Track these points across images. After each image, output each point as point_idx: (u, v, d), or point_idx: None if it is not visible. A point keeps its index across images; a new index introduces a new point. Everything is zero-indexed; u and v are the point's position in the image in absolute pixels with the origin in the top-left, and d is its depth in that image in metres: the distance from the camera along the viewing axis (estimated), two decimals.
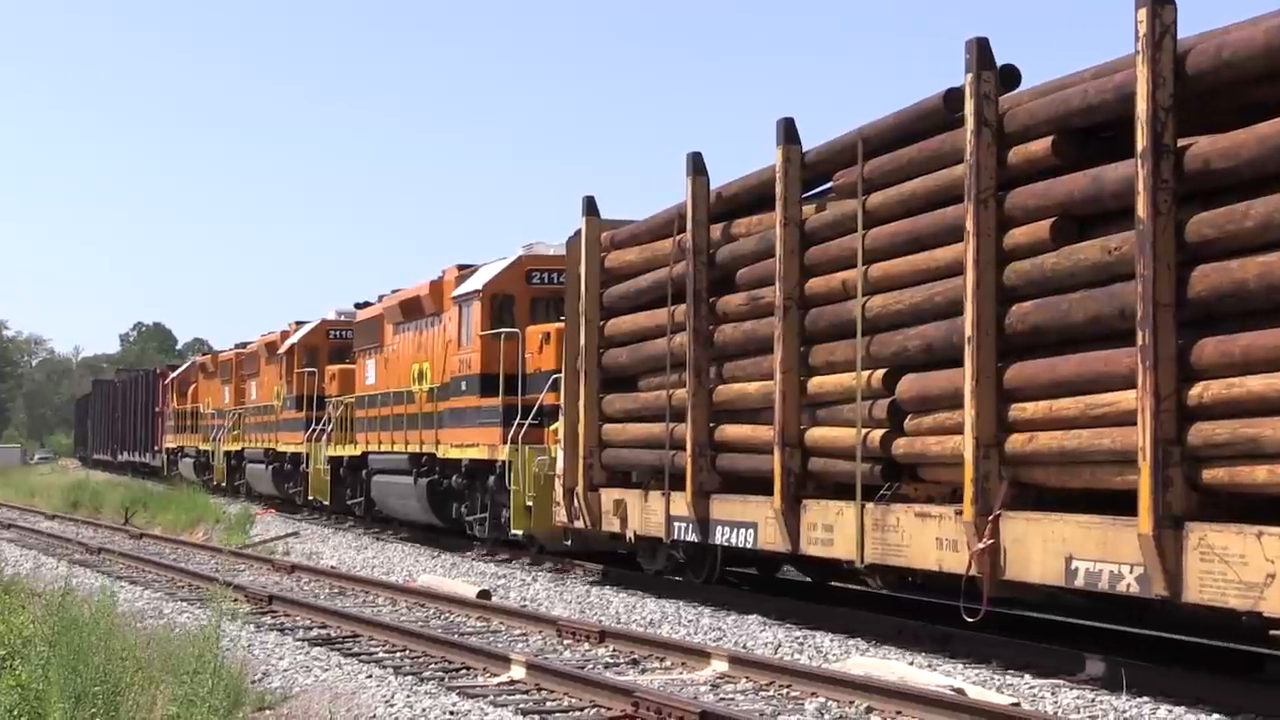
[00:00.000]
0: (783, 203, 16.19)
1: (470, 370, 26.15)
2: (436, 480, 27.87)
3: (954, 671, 12.98)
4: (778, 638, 15.51)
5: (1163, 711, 11.27)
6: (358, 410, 33.57)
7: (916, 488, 14.54)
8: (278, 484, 40.85)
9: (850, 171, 15.39)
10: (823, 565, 17.66)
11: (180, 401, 57.47)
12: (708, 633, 16.18)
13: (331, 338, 39.35)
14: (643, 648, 14.54)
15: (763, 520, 16.64)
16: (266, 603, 18.74)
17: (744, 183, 17.71)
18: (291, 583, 22.23)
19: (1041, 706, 11.57)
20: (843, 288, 15.44)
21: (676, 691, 11.89)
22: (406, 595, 19.80)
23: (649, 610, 18.11)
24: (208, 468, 51.12)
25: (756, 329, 17.02)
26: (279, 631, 16.51)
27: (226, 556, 26.37)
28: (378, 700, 11.86)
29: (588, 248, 21.05)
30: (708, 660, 13.45)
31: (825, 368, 15.80)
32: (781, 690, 12.24)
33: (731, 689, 12.49)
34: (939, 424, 13.85)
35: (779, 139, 16.28)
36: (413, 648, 14.89)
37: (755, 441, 17.01)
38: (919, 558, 13.99)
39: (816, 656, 14.41)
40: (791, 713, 11.37)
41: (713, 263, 18.06)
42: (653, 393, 19.54)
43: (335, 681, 12.91)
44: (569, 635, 15.49)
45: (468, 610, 17.97)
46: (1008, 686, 12.32)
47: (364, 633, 16.14)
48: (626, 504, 19.95)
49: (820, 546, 15.60)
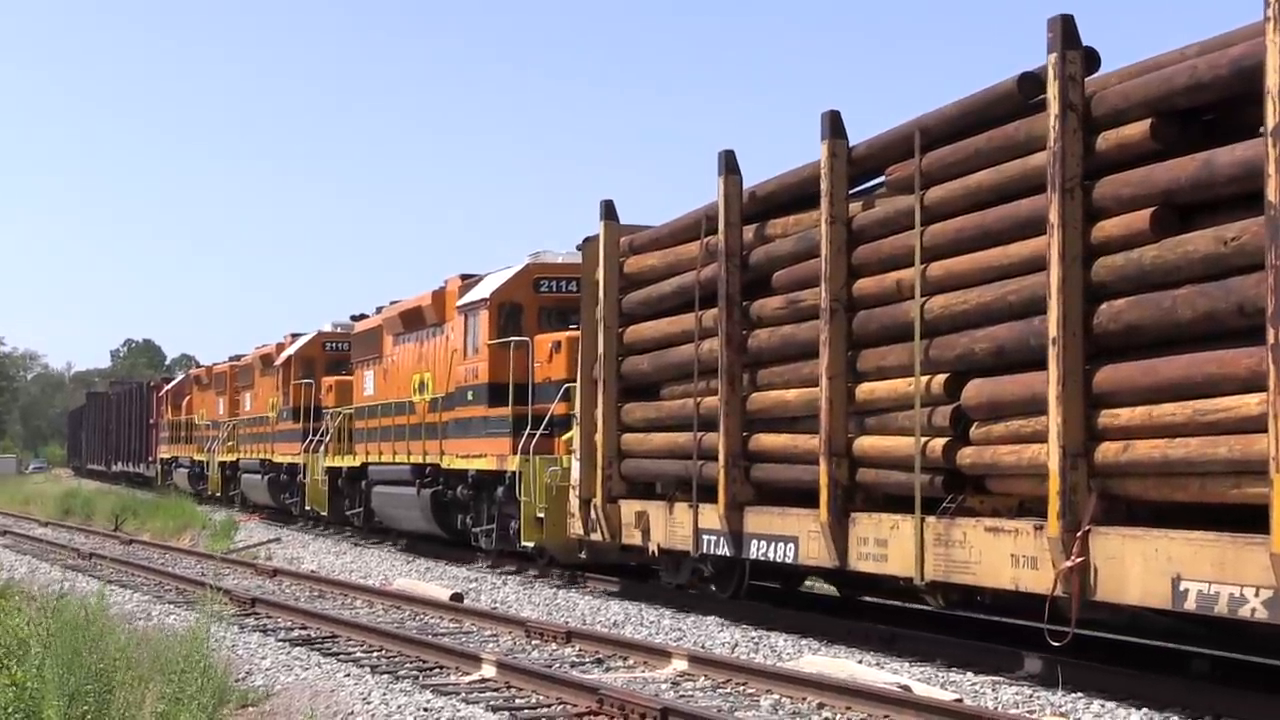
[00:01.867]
0: (829, 200, 14.59)
1: (477, 380, 24.46)
2: (441, 491, 26.15)
3: (900, 669, 12.95)
4: (735, 638, 15.44)
5: (1096, 706, 11.19)
6: (356, 421, 31.88)
7: (982, 500, 12.94)
8: (273, 494, 39.15)
9: (906, 165, 13.81)
10: (858, 580, 16.07)
11: (175, 413, 55.82)
12: (669, 633, 16.11)
13: (328, 350, 37.71)
14: (607, 647, 14.49)
15: (804, 534, 15.03)
16: (250, 605, 18.59)
17: (781, 181, 16.11)
18: (274, 586, 22.08)
19: (983, 702, 11.50)
20: (896, 288, 13.85)
21: (639, 689, 11.88)
22: (383, 598, 19.75)
23: (613, 612, 18.05)
24: (202, 478, 49.42)
25: (796, 333, 15.42)
26: (262, 632, 16.40)
27: (212, 561, 26.16)
28: (355, 698, 11.83)
29: (606, 252, 19.45)
30: (669, 659, 13.40)
31: (875, 373, 14.20)
32: (738, 688, 12.24)
33: (691, 686, 12.47)
34: (1012, 432, 12.25)
35: (824, 133, 14.70)
36: (389, 648, 14.84)
37: (795, 451, 15.40)
38: (990, 576, 12.38)
39: (771, 655, 14.36)
40: (748, 709, 11.40)
41: (746, 265, 16.46)
42: (678, 401, 17.92)
43: (315, 680, 12.86)
44: (537, 636, 15.44)
45: (441, 612, 17.89)
46: (951, 683, 12.31)
47: (342, 633, 16.06)
48: (649, 516, 18.30)
49: (872, 563, 13.99)
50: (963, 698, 11.30)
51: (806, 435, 15.18)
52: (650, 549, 18.35)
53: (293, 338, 39.72)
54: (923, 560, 13.11)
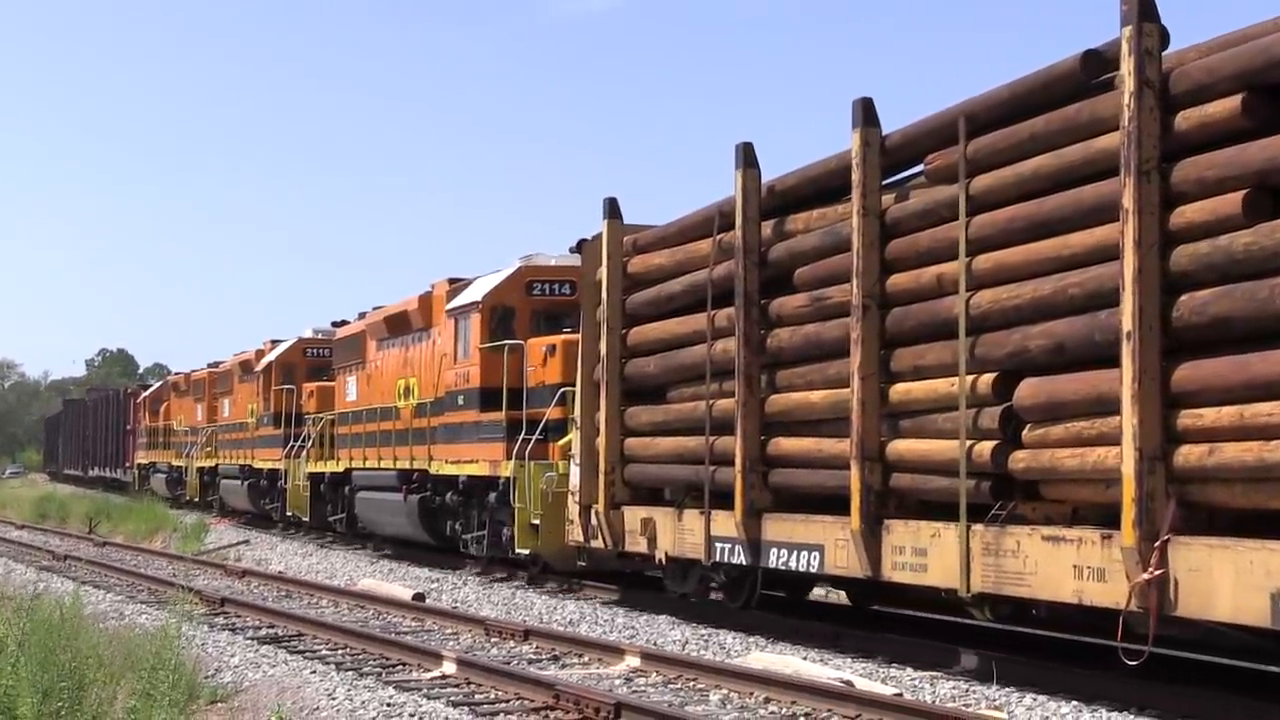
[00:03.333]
0: (861, 191, 13.31)
1: (468, 384, 23.05)
2: (429, 497, 24.72)
3: (843, 665, 12.98)
4: (685, 635, 15.48)
5: (1028, 699, 11.26)
6: (340, 427, 30.42)
7: (1034, 507, 11.64)
8: (253, 499, 37.60)
9: (947, 153, 12.53)
10: (888, 590, 14.77)
11: (152, 419, 54.14)
12: (622, 631, 16.07)
13: (309, 355, 36.21)
14: (563, 645, 14.47)
15: (831, 542, 13.73)
16: (219, 605, 18.45)
17: (804, 174, 14.82)
18: (242, 586, 21.91)
19: (921, 696, 11.56)
20: (937, 283, 12.57)
21: (594, 684, 11.94)
22: (348, 597, 19.61)
23: (569, 611, 18.03)
24: (180, 483, 47.82)
25: (822, 332, 14.12)
26: (231, 631, 16.29)
27: (183, 563, 26.08)
28: (321, 694, 11.76)
29: (610, 252, 18.12)
30: (622, 656, 13.39)
31: (912, 373, 12.91)
32: (689, 683, 12.26)
33: (644, 682, 12.46)
34: (1073, 434, 10.97)
35: (855, 121, 13.41)
36: (353, 645, 14.78)
37: (820, 455, 14.10)
38: (1048, 588, 11.08)
39: (720, 652, 14.37)
40: (698, 703, 11.41)
41: (764, 262, 15.15)
42: (688, 404, 16.59)
43: (282, 677, 12.79)
44: (496, 634, 15.41)
45: (404, 611, 17.82)
46: (891, 678, 12.37)
47: (309, 632, 15.95)
48: (656, 523, 16.97)
49: (910, 573, 12.68)
50: (902, 692, 11.43)
51: (834, 439, 13.88)
52: (657, 557, 17.02)
53: (273, 344, 38.22)
54: (969, 571, 11.82)
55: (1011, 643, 13.73)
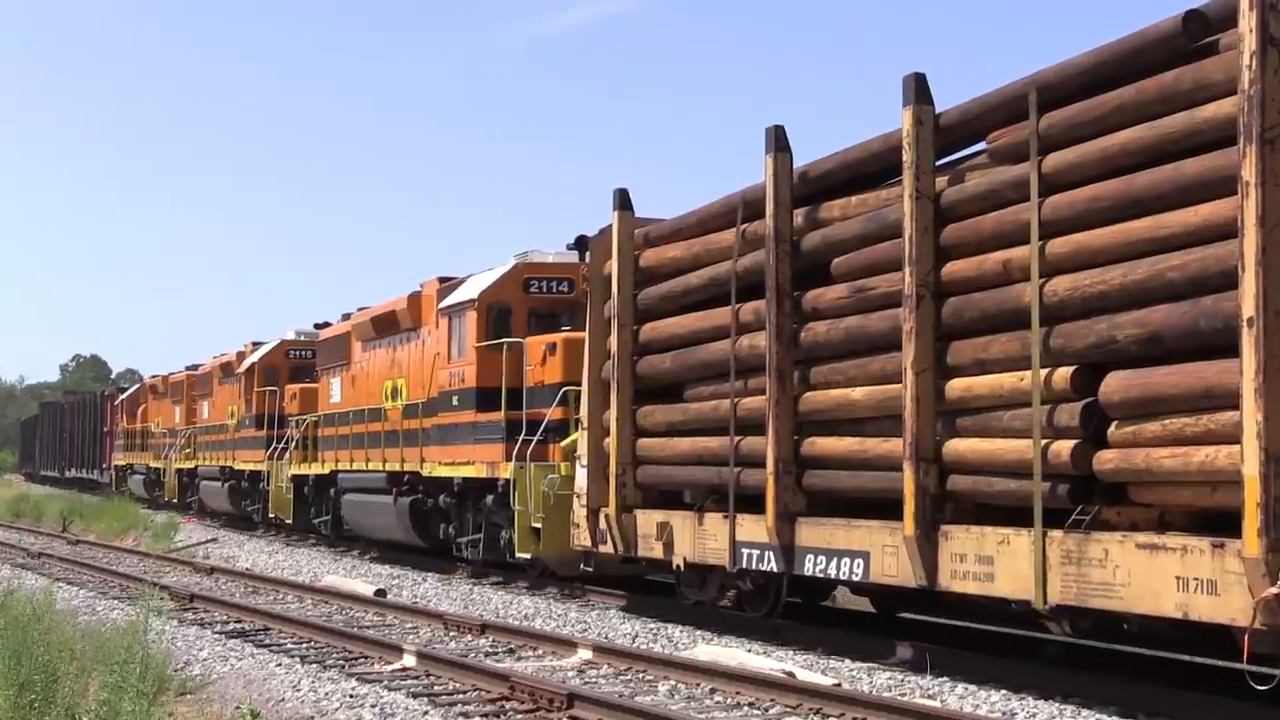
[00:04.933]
0: (913, 173, 11.83)
1: (464, 384, 21.46)
2: (420, 500, 23.11)
3: (785, 657, 12.94)
4: (635, 629, 15.44)
5: (960, 689, 11.35)
6: (325, 428, 28.74)
7: (1119, 512, 10.18)
8: (234, 501, 35.82)
9: (1015, 129, 11.08)
10: (942, 600, 13.29)
11: (130, 421, 52.16)
12: (575, 625, 16.00)
13: (291, 357, 34.40)
14: (518, 638, 14.40)
15: (878, 548, 12.25)
16: (188, 600, 18.16)
17: (842, 158, 13.33)
18: (211, 583, 21.58)
19: (859, 686, 11.58)
20: (1003, 270, 11.11)
21: (548, 676, 11.93)
22: (312, 593, 19.36)
23: (524, 606, 17.91)
24: (158, 484, 45.93)
25: (865, 325, 12.65)
26: (199, 625, 16.07)
27: (153, 560, 25.76)
28: (286, 685, 11.70)
29: (620, 245, 16.58)
30: (575, 649, 13.35)
31: (972, 367, 11.45)
32: (639, 675, 12.23)
33: (595, 674, 12.43)
34: (1173, 433, 9.52)
35: (907, 98, 11.95)
36: (317, 639, 14.66)
37: (864, 456, 12.63)
38: (1145, 601, 9.62)
39: (668, 645, 14.31)
40: (647, 693, 11.41)
41: (796, 252, 13.67)
42: (708, 402, 15.08)
43: (249, 669, 12.72)
44: (454, 628, 15.33)
45: (366, 606, 17.70)
46: (830, 669, 12.36)
47: (275, 626, 15.81)
48: (673, 527, 15.45)
49: (973, 582, 11.20)
50: (841, 682, 11.45)
51: (878, 439, 12.42)
52: (674, 563, 15.49)
53: (254, 346, 36.43)
54: (1045, 581, 10.35)
55: (944, 637, 13.85)
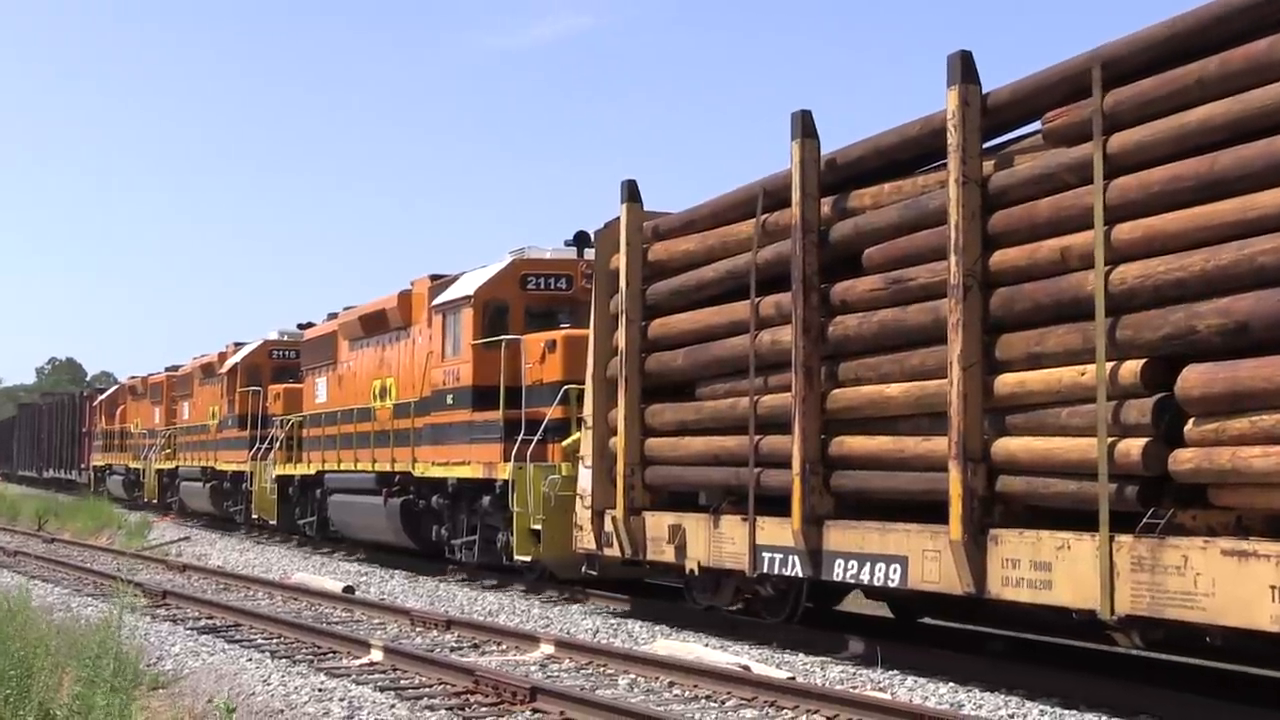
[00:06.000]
0: (959, 155, 10.83)
1: (459, 383, 20.36)
2: (412, 500, 22.00)
3: (741, 652, 12.91)
4: (596, 625, 15.39)
5: (910, 681, 11.38)
6: (312, 429, 27.55)
7: (1195, 516, 9.20)
8: (216, 502, 34.56)
9: (1077, 107, 10.09)
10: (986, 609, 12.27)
11: (109, 422, 50.73)
12: (537, 621, 15.93)
13: (274, 358, 33.17)
14: (483, 634, 14.33)
15: (917, 553, 11.23)
16: (161, 597, 17.92)
17: (875, 144, 12.33)
18: (183, 580, 21.34)
19: (812, 679, 11.52)
20: (1061, 258, 10.12)
21: (511, 670, 11.91)
22: (282, 590, 19.23)
23: (488, 602, 17.81)
24: (137, 485, 44.55)
25: (901, 318, 11.64)
26: (172, 622, 15.92)
27: (127, 558, 25.38)
28: (257, 680, 11.66)
29: (629, 238, 15.54)
30: (537, 644, 13.30)
31: (1025, 361, 10.45)
32: (599, 669, 12.20)
33: (557, 668, 12.38)
34: (1264, 430, 8.54)
35: (953, 77, 10.94)
36: (287, 635, 14.58)
37: (900, 456, 11.62)
38: (1232, 612, 8.63)
39: (628, 640, 14.28)
40: (608, 687, 11.36)
41: (824, 242, 12.65)
42: (724, 400, 14.06)
43: (220, 664, 12.66)
44: (421, 624, 15.28)
45: (334, 603, 17.59)
46: (785, 663, 12.36)
47: (245, 622, 15.72)
48: (686, 530, 14.41)
49: (1027, 590, 10.18)
50: (795, 676, 11.43)
51: (916, 438, 11.42)
52: (687, 567, 14.44)
53: (236, 346, 35.18)
54: (1112, 590, 9.35)
55: (894, 631, 13.90)
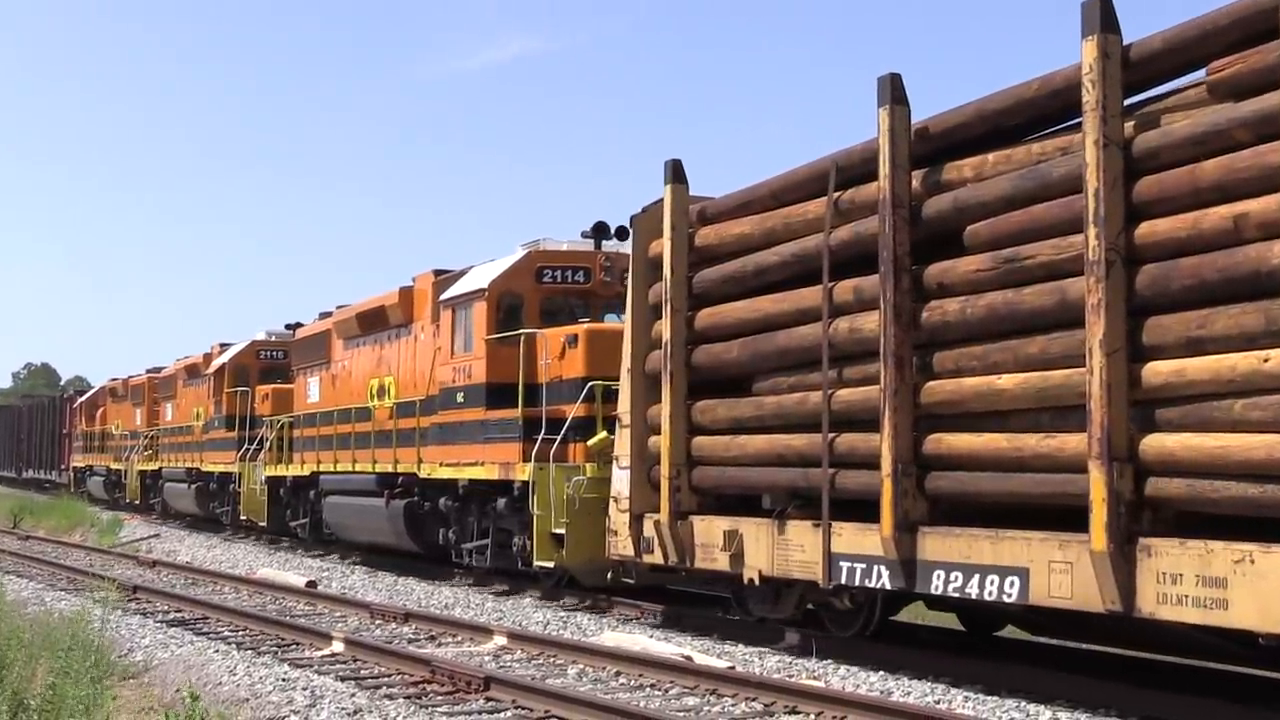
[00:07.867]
0: (1099, 114, 9.04)
1: (470, 380, 18.44)
2: (416, 502, 20.04)
3: (685, 643, 12.88)
4: (547, 618, 15.29)
5: (843, 670, 11.36)
6: (305, 429, 25.51)
7: None
8: (201, 503, 32.40)
9: (1251, 55, 8.31)
10: (1133, 628, 10.44)
11: (89, 424, 48.28)
12: (491, 614, 15.70)
13: (262, 358, 31.10)
14: (439, 626, 14.25)
15: (1041, 564, 9.43)
16: (132, 591, 17.58)
17: (978, 108, 10.52)
18: (153, 575, 21.11)
19: (751, 668, 11.52)
20: (1234, 227, 8.33)
21: (466, 660, 11.82)
22: (248, 585, 19.05)
23: (444, 596, 17.59)
24: (119, 486, 42.24)
25: (1017, 300, 9.84)
26: (142, 615, 15.74)
27: (99, 554, 25.03)
28: (223, 670, 11.57)
29: (674, 221, 13.70)
30: (491, 636, 13.22)
31: (1183, 347, 8.66)
32: (550, 659, 12.14)
33: (510, 659, 12.30)
34: None
35: (1089, 27, 9.15)
36: (252, 627, 14.50)
37: (1016, 456, 9.80)
38: None
39: (578, 632, 14.14)
40: (557, 676, 11.27)
41: (915, 219, 10.84)
42: (790, 395, 12.22)
43: (188, 655, 12.54)
44: (380, 616, 15.18)
45: (298, 596, 17.44)
46: (726, 654, 12.31)
47: (212, 615, 15.58)
48: (743, 536, 12.56)
49: (1193, 609, 8.38)
50: (734, 665, 11.41)
51: (1036, 435, 9.61)
52: (746, 576, 12.59)
53: (222, 347, 33.02)
54: None
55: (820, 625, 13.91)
